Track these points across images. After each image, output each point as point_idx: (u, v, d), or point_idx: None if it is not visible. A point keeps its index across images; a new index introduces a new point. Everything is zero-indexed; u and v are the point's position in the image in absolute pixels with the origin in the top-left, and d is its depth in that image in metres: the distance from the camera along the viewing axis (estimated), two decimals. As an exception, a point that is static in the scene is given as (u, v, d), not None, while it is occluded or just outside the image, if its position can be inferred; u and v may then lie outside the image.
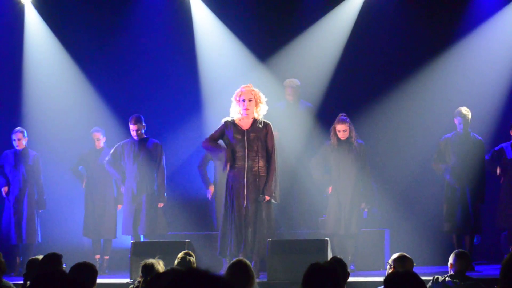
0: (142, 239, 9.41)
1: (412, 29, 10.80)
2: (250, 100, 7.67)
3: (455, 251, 6.26)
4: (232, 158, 7.69)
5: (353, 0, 10.95)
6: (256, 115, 7.73)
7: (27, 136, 9.93)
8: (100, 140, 9.95)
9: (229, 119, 7.84)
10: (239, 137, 7.64)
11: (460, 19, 10.74)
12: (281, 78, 10.32)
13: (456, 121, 9.13)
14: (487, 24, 10.60)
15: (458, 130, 9.11)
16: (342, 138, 8.93)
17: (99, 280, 6.87)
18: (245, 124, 7.72)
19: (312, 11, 11.03)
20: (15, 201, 9.76)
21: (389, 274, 3.91)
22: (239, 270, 5.03)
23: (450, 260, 6.05)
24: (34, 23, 11.44)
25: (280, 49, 11.00)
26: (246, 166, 7.58)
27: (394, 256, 5.89)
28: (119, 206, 9.73)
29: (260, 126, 7.68)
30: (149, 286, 4.81)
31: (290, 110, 9.90)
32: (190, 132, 11.01)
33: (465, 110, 9.08)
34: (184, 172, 10.99)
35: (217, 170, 9.38)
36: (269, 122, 7.79)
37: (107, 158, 9.51)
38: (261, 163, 7.65)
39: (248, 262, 5.28)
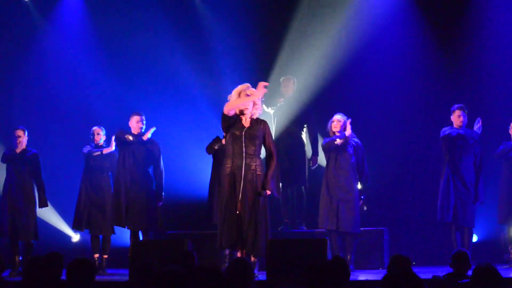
0: (141, 238, 9.41)
1: (410, 28, 10.82)
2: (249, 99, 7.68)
3: (454, 250, 6.29)
4: (230, 155, 7.69)
5: (354, 0, 10.99)
6: (253, 114, 7.73)
7: (28, 134, 9.92)
8: (100, 135, 9.92)
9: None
10: (238, 134, 7.64)
11: (459, 19, 10.76)
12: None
13: (454, 117, 9.15)
14: (485, 24, 10.62)
15: (456, 125, 9.15)
16: (334, 128, 9.00)
17: (97, 279, 6.88)
18: (244, 123, 7.73)
19: (314, 12, 11.04)
20: (13, 198, 9.74)
21: (387, 274, 3.91)
22: (239, 269, 5.02)
23: (450, 259, 6.07)
24: (39, 22, 11.48)
25: (282, 51, 11.02)
26: (244, 164, 7.58)
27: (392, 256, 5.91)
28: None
29: (258, 124, 7.68)
30: (146, 285, 4.80)
31: (284, 103, 9.96)
32: (191, 131, 11.02)
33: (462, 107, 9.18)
34: (184, 170, 11.00)
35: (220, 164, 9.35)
36: (265, 120, 7.80)
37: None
38: (258, 161, 7.65)
39: (247, 261, 5.28)
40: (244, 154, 7.60)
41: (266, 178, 7.63)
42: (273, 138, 9.63)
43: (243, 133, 7.62)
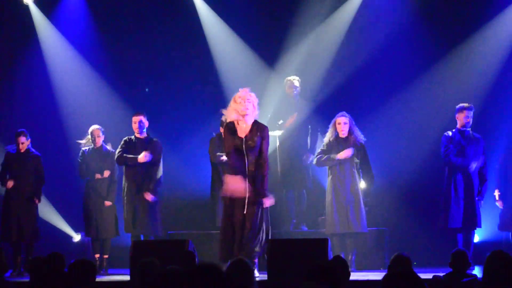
0: (142, 238, 9.40)
1: (412, 28, 10.82)
2: (249, 102, 7.66)
3: (454, 250, 6.28)
4: (231, 164, 7.67)
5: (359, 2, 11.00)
6: (253, 119, 7.71)
7: (29, 137, 9.89)
8: (100, 137, 9.91)
9: (228, 121, 7.80)
10: (238, 143, 7.59)
11: (460, 18, 10.75)
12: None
13: (461, 117, 9.04)
14: (486, 24, 10.63)
15: (461, 126, 9.04)
16: (342, 132, 8.98)
17: (98, 279, 6.89)
18: (244, 129, 7.68)
19: (316, 11, 11.04)
20: (15, 200, 9.72)
21: (388, 274, 3.91)
22: (239, 269, 5.02)
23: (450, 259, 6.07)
24: (40, 23, 11.49)
25: (285, 51, 11.02)
26: (247, 173, 7.54)
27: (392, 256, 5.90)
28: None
29: (257, 131, 7.64)
30: (148, 285, 4.80)
31: (288, 104, 9.95)
32: (193, 131, 11.03)
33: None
34: (185, 170, 11.00)
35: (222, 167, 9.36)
36: (265, 126, 7.77)
37: (118, 150, 9.49)
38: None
39: (247, 261, 5.27)
40: (246, 164, 7.57)
41: (262, 188, 7.55)
42: (278, 141, 9.70)
43: (243, 143, 7.58)
